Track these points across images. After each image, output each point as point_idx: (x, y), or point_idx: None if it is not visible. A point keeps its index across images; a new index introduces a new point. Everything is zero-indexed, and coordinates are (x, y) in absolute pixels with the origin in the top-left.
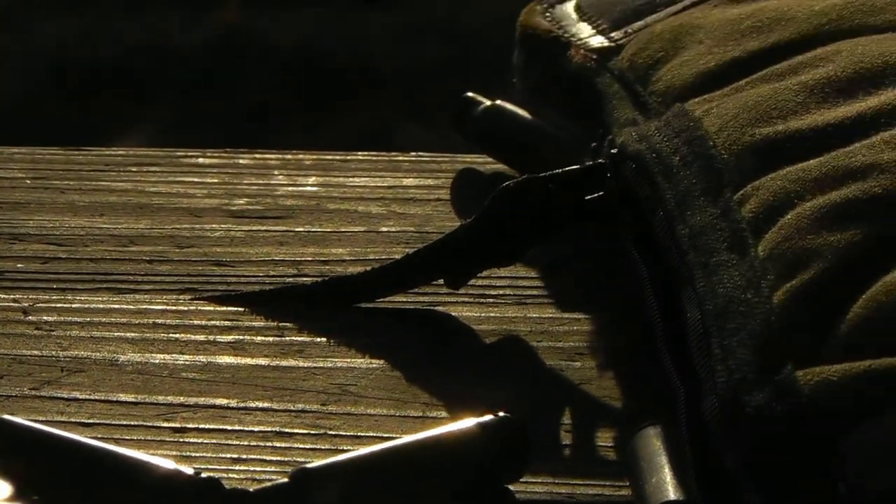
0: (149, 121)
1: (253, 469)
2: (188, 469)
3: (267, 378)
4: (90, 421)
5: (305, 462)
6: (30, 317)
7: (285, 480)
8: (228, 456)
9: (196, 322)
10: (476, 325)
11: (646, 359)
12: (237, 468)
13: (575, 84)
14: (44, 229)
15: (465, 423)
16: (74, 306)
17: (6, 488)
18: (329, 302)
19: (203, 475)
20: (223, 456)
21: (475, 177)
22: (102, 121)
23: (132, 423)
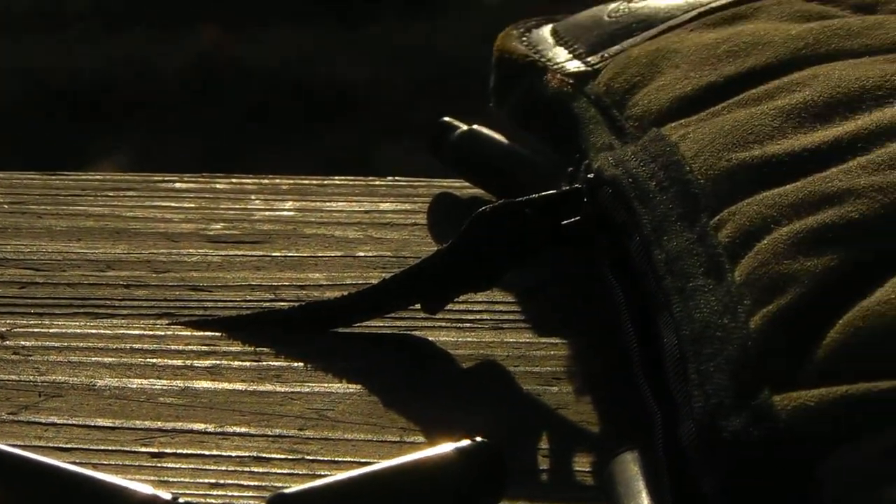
0: (126, 142)
1: (230, 494)
2: (166, 494)
3: (244, 403)
4: (68, 446)
5: (283, 487)
6: (7, 342)
7: None
8: (206, 481)
9: (173, 347)
10: (453, 350)
11: (623, 384)
12: (215, 493)
13: (551, 109)
14: (21, 254)
15: (443, 448)
16: (52, 331)
17: None
18: (306, 327)
19: (181, 500)
20: (201, 481)
21: (452, 201)
22: (80, 140)
23: (110, 448)
